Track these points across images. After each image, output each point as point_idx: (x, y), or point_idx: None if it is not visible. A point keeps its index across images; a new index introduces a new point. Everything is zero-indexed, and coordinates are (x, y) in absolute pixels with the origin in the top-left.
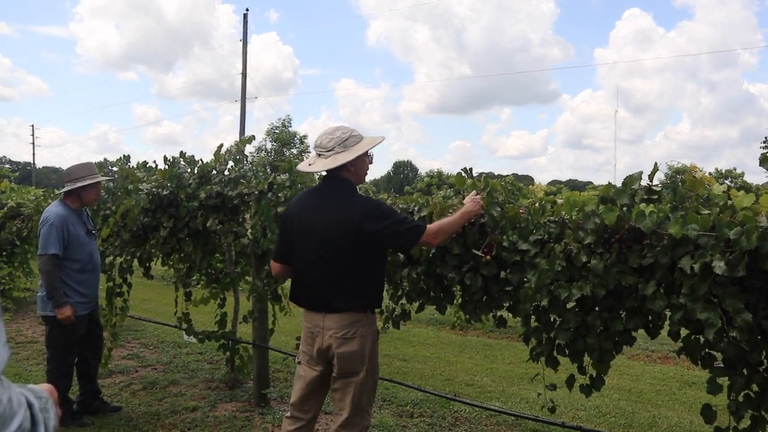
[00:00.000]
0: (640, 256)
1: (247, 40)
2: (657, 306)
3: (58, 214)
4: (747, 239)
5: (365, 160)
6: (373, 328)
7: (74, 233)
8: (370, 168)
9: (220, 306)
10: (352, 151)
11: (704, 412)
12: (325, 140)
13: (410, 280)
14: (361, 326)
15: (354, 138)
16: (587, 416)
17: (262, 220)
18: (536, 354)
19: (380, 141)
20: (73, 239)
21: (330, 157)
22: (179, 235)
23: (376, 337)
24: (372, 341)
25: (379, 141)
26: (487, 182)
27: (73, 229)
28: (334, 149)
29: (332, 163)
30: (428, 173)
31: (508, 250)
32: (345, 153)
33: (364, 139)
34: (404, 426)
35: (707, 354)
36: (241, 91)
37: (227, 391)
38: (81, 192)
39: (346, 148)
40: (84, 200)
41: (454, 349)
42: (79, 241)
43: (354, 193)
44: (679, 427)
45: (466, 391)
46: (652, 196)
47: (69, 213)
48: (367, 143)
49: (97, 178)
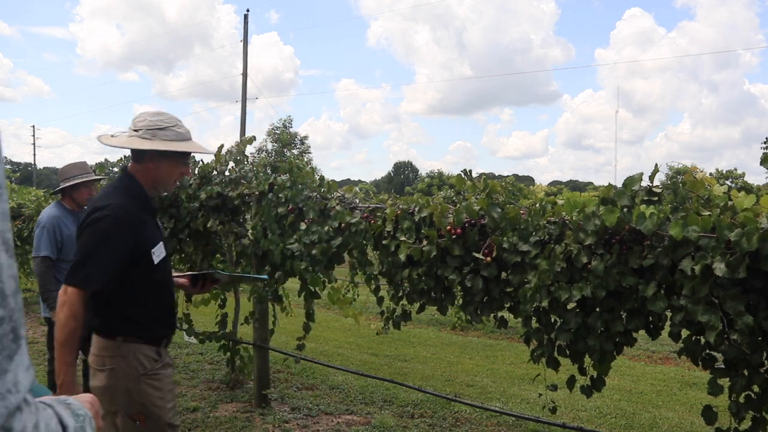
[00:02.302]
0: (640, 258)
1: (247, 40)
2: (657, 307)
3: (51, 215)
4: (748, 241)
5: (174, 165)
6: (128, 363)
7: (68, 234)
8: (178, 183)
9: (220, 307)
10: (158, 144)
11: (705, 413)
12: (140, 119)
13: (411, 281)
14: (109, 357)
15: (174, 133)
16: (588, 417)
17: (263, 220)
18: (537, 355)
19: (203, 151)
20: (67, 240)
21: (131, 138)
22: (180, 236)
23: (136, 374)
24: (128, 379)
25: (201, 150)
26: (487, 183)
27: (66, 230)
28: (140, 131)
29: (128, 143)
30: (429, 174)
31: (509, 251)
32: (149, 141)
33: (188, 142)
34: (405, 426)
35: (708, 355)
36: (241, 91)
37: (228, 391)
38: (72, 191)
39: (154, 137)
40: (76, 200)
41: (455, 350)
42: (73, 242)
43: (114, 193)
44: (679, 428)
45: (467, 392)
46: (652, 197)
47: (63, 214)
48: (185, 146)
49: (87, 177)
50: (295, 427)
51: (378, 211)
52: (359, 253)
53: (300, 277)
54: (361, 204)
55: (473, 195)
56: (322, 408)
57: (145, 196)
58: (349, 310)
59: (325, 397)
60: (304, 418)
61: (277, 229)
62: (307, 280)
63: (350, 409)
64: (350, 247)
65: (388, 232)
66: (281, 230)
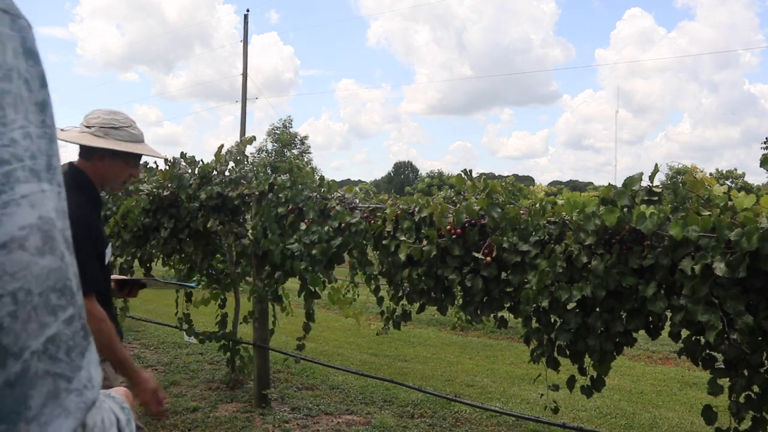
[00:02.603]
0: (640, 258)
1: (247, 40)
2: (657, 307)
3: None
4: (748, 241)
5: (125, 166)
6: None
7: None
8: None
9: (220, 307)
10: (112, 143)
11: (705, 413)
12: (93, 116)
13: (411, 281)
14: None
15: (128, 134)
16: (588, 417)
17: (263, 220)
18: (537, 355)
19: (156, 155)
20: None
21: (82, 134)
22: (180, 236)
23: None
24: None
25: (154, 153)
26: (487, 183)
27: None
28: (92, 128)
29: (78, 138)
30: (429, 174)
31: (509, 251)
32: (101, 139)
33: (140, 144)
34: (405, 427)
35: (708, 355)
36: (241, 91)
37: (228, 391)
38: None
39: (107, 135)
40: None
41: (455, 350)
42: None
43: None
44: (679, 428)
45: (467, 392)
46: (652, 197)
47: None
48: (138, 147)
49: None
50: (295, 427)
51: (378, 211)
52: (359, 253)
53: (300, 277)
54: (361, 204)
55: (473, 195)
56: (322, 408)
57: (97, 194)
58: (349, 310)
59: (325, 397)
60: (304, 418)
61: (277, 229)
62: (307, 280)
63: (350, 409)
64: (350, 247)
65: (388, 232)
66: (281, 230)
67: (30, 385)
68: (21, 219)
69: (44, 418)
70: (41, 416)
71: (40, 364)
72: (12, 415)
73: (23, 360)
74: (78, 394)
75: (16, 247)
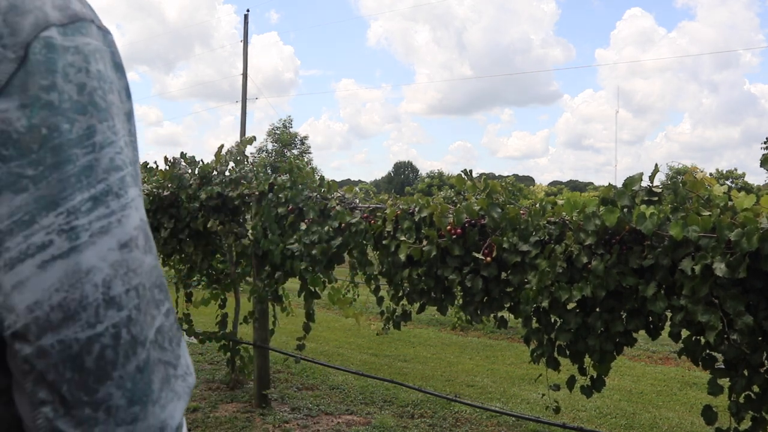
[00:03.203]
0: (640, 258)
1: (247, 40)
2: (657, 307)
3: None
4: (748, 241)
5: None
6: None
7: None
8: None
9: (220, 307)
10: None
11: (705, 413)
12: None
13: (411, 281)
14: None
15: None
16: (588, 417)
17: (263, 220)
18: (537, 355)
19: None
20: None
21: None
22: (180, 236)
23: None
24: None
25: None
26: (488, 183)
27: None
28: None
29: None
30: (429, 174)
31: (509, 252)
32: None
33: None
34: (405, 427)
35: (708, 355)
36: (241, 91)
37: (228, 391)
38: None
39: None
40: None
41: (455, 350)
42: None
43: None
44: (680, 428)
45: (467, 392)
46: (652, 198)
47: None
48: None
49: None
50: (295, 427)
51: (378, 211)
52: (359, 253)
53: (300, 277)
54: (361, 204)
55: (473, 195)
56: (322, 408)
57: None
58: (349, 311)
59: (325, 397)
60: (304, 418)
61: (277, 229)
62: (307, 280)
63: (350, 409)
64: (350, 247)
65: (388, 232)
66: (281, 230)
67: (152, 371)
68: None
69: (163, 401)
70: (161, 399)
71: (154, 353)
72: (144, 397)
73: (147, 348)
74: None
75: (134, 246)
